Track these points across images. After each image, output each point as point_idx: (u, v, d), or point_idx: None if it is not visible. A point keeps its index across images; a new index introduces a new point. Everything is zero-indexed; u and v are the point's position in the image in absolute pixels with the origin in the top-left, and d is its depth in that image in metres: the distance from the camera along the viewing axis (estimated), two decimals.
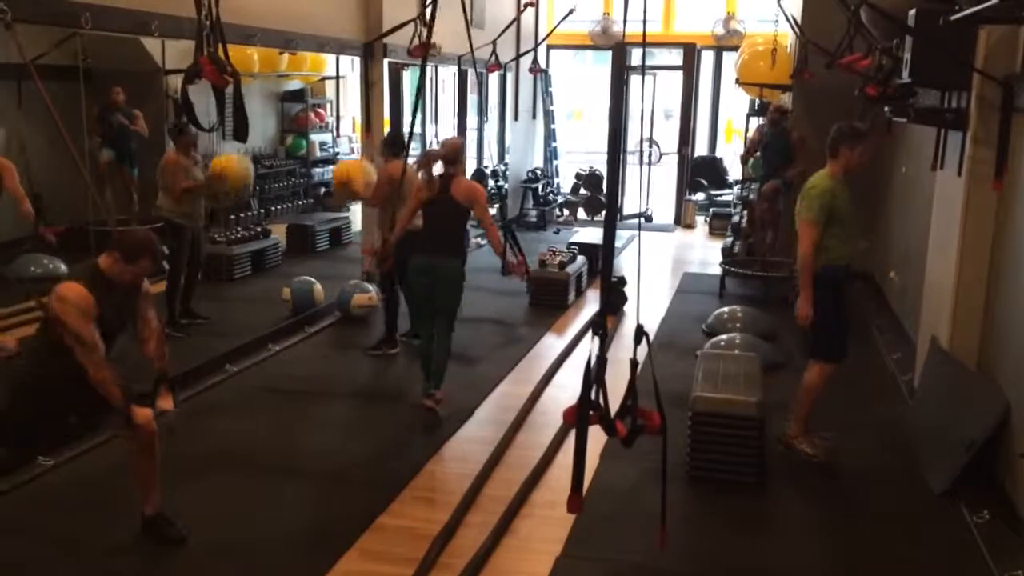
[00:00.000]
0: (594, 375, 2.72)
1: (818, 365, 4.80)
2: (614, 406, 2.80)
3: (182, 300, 6.81)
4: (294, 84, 11.85)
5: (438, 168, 5.51)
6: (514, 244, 8.14)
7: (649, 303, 8.25)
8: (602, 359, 2.72)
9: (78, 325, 3.47)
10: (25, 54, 4.41)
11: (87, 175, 5.23)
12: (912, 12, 4.92)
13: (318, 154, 12.23)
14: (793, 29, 8.85)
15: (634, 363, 2.77)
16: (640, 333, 2.73)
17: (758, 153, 9.54)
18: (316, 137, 12.21)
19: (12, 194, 5.78)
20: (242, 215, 10.03)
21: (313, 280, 7.50)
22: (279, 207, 11.26)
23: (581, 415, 2.66)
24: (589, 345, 2.75)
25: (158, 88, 8.93)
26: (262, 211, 10.72)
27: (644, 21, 2.76)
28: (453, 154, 5.40)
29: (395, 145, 6.47)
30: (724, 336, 6.69)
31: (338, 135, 12.86)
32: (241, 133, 4.07)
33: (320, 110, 12.38)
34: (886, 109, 6.67)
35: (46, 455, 4.49)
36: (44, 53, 6.57)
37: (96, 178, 7.96)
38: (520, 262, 6.09)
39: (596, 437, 2.98)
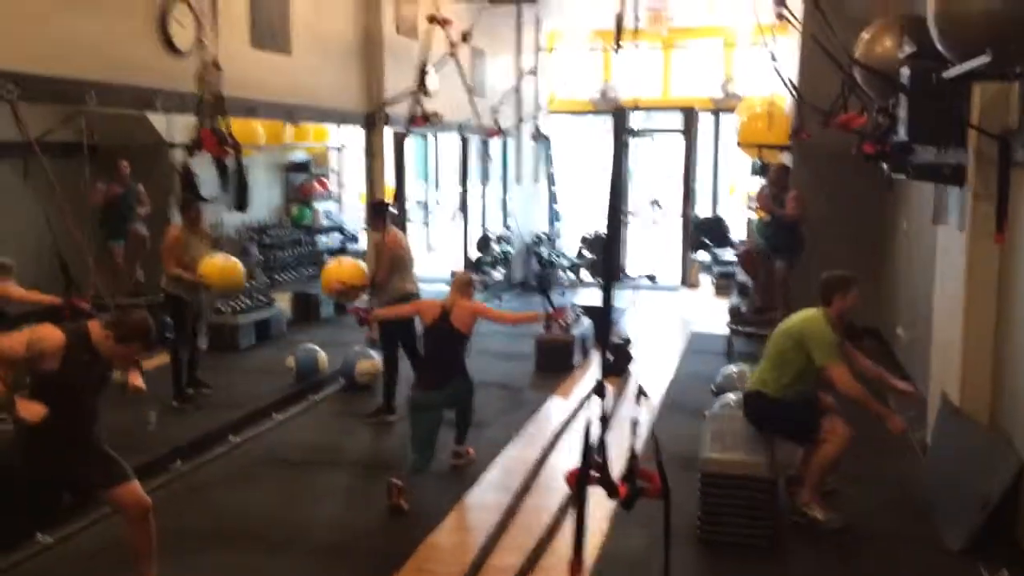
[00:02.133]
0: (595, 438, 2.68)
1: (837, 438, 4.65)
2: (618, 468, 2.74)
3: (188, 369, 6.79)
4: (298, 154, 12.01)
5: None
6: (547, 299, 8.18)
7: (657, 363, 8.19)
8: (603, 420, 2.68)
9: (17, 340, 3.45)
10: (29, 133, 4.49)
11: (88, 250, 5.26)
12: (905, 71, 4.98)
13: (323, 222, 12.34)
14: (789, 91, 8.97)
15: (634, 424, 2.72)
16: (640, 394, 2.70)
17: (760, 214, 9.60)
18: (320, 206, 12.34)
19: (24, 300, 5.87)
20: (247, 285, 10.04)
21: (317, 348, 7.48)
22: (284, 276, 11.31)
23: (581, 478, 2.60)
24: (593, 407, 2.71)
25: (164, 161, 9.05)
26: (267, 280, 10.76)
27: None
28: (458, 284, 5.48)
29: (379, 210, 6.50)
30: (732, 396, 6.60)
31: (342, 204, 12.99)
32: (242, 203, 4.11)
33: (324, 179, 12.52)
34: (884, 166, 6.71)
35: (44, 533, 4.41)
36: (50, 130, 6.70)
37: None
38: (562, 308, 6.12)
39: (607, 500, 2.92)
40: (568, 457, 5.76)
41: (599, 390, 2.67)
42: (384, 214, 6.49)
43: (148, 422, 5.93)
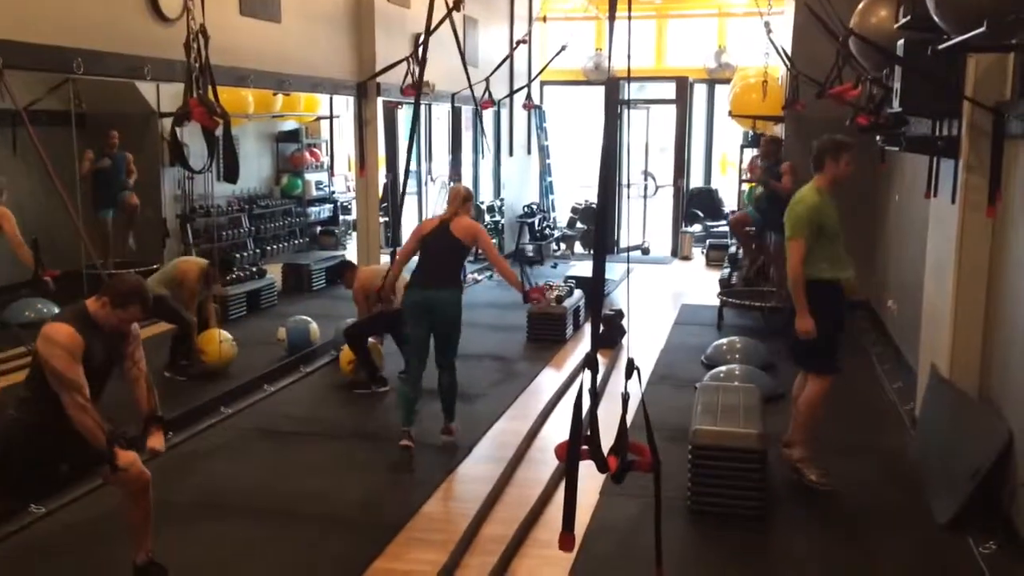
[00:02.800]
0: (586, 410, 2.68)
1: (818, 380, 4.74)
2: (608, 442, 2.75)
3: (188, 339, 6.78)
4: (289, 124, 11.91)
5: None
6: (525, 274, 8.16)
7: (648, 335, 8.21)
8: (594, 393, 2.68)
9: (63, 367, 3.42)
10: (18, 102, 4.43)
11: (78, 220, 5.21)
12: (900, 42, 4.95)
13: (314, 193, 12.26)
14: (784, 61, 8.92)
15: (625, 397, 2.73)
16: (631, 367, 2.70)
17: (752, 184, 9.61)
18: (311, 176, 12.25)
19: (10, 240, 5.78)
20: (237, 256, 10.02)
21: (309, 319, 7.47)
22: (275, 247, 11.27)
23: (571, 451, 2.61)
24: (584, 380, 2.70)
25: (153, 131, 8.96)
26: (257, 251, 10.72)
27: (628, 57, 2.75)
28: (458, 197, 5.45)
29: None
30: (723, 367, 6.65)
31: (333, 174, 12.91)
32: (231, 174, 4.07)
33: (315, 149, 12.43)
34: (879, 139, 6.70)
35: (38, 503, 4.43)
36: (38, 99, 6.62)
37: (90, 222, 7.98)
38: (540, 288, 6.09)
39: (596, 473, 2.93)
40: (560, 429, 5.79)
41: (591, 363, 2.67)
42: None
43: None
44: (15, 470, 3.61)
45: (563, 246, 13.53)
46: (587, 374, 2.68)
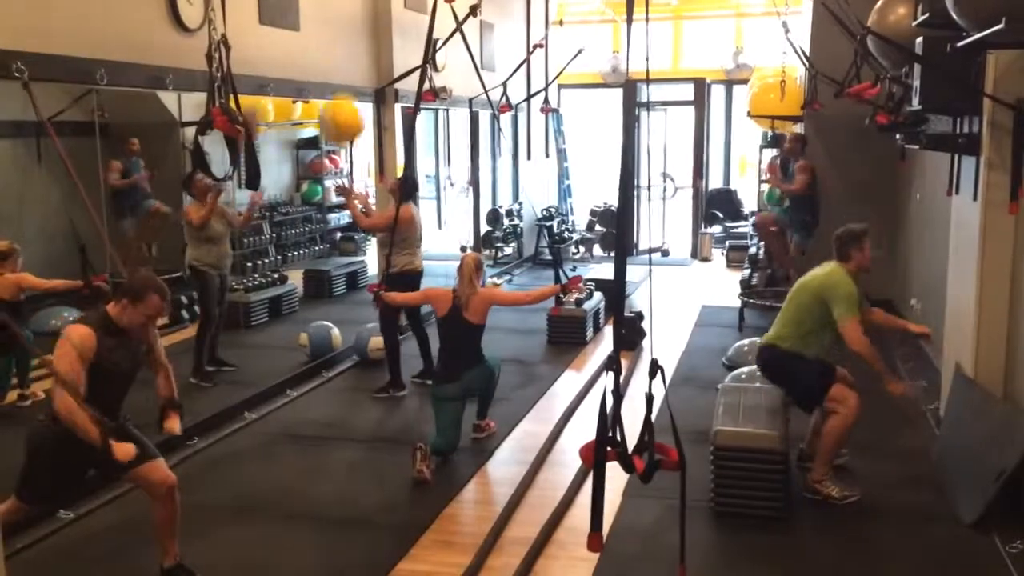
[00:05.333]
0: (610, 411, 2.69)
1: (847, 410, 4.62)
2: (632, 442, 2.76)
3: (209, 348, 6.86)
4: (308, 131, 12.00)
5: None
6: (560, 269, 8.21)
7: (668, 338, 8.20)
8: (617, 395, 2.69)
9: (65, 364, 3.46)
10: (41, 113, 4.49)
11: (103, 229, 5.28)
12: (919, 40, 4.93)
13: (333, 200, 12.34)
14: (802, 61, 8.89)
15: (649, 398, 2.74)
16: (655, 367, 2.71)
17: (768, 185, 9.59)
18: (331, 183, 12.33)
19: (40, 288, 5.88)
20: (259, 262, 10.11)
21: (330, 325, 7.51)
22: (295, 253, 11.35)
23: (598, 453, 2.62)
24: (606, 382, 2.72)
25: (175, 140, 9.07)
26: (279, 257, 10.80)
27: (647, 59, 2.77)
28: (467, 272, 5.34)
29: (408, 190, 6.52)
30: (745, 369, 6.62)
31: (352, 180, 12.98)
32: (253, 181, 4.12)
33: (334, 156, 12.52)
34: (898, 137, 6.66)
35: (66, 509, 4.49)
36: (62, 110, 6.72)
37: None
38: (576, 277, 6.09)
39: (619, 475, 2.94)
40: (582, 432, 5.79)
41: (613, 365, 2.68)
42: (413, 193, 6.55)
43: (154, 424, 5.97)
44: (44, 476, 3.67)
45: (582, 249, 13.53)
46: (609, 375, 2.69)
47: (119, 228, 8.74)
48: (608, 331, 8.66)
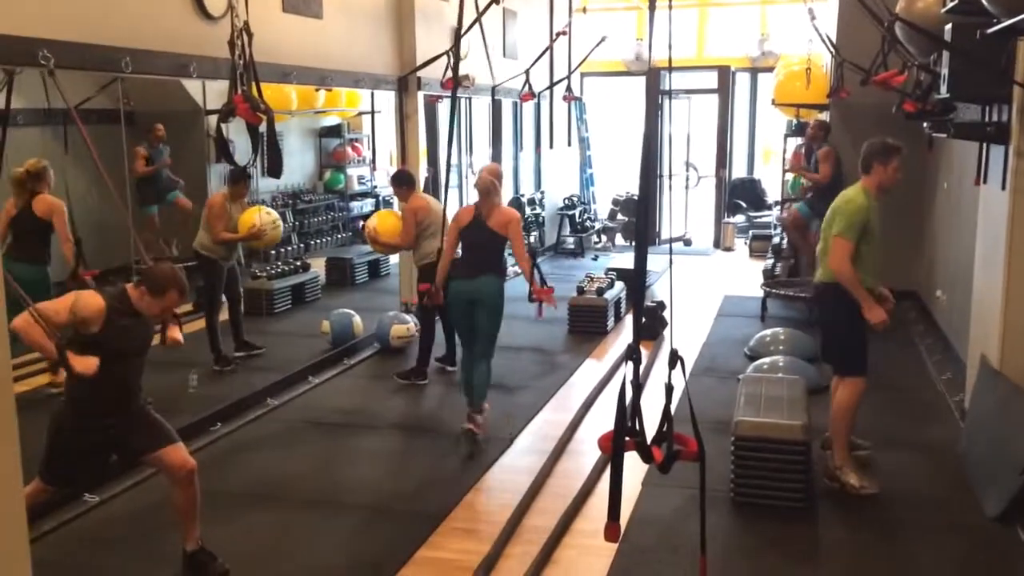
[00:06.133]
0: (629, 401, 2.68)
1: (850, 383, 4.67)
2: (651, 432, 2.75)
3: (235, 336, 6.93)
4: (331, 120, 12.03)
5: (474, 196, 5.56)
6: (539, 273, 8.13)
7: (690, 327, 8.16)
8: (636, 385, 2.68)
9: (53, 302, 3.49)
10: (68, 100, 4.53)
11: (128, 217, 5.33)
12: (948, 27, 4.85)
13: (356, 188, 12.38)
14: (828, 48, 8.79)
15: (669, 388, 2.72)
16: (675, 357, 2.69)
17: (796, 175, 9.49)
18: (354, 171, 12.37)
19: (59, 235, 5.91)
20: (282, 250, 10.17)
21: (352, 312, 7.55)
22: (318, 241, 11.40)
23: (616, 442, 2.61)
24: (626, 371, 2.71)
25: (199, 128, 9.12)
26: (301, 245, 10.85)
27: (669, 47, 2.74)
28: (485, 190, 5.43)
29: (402, 181, 6.54)
30: (767, 359, 6.59)
31: (375, 168, 13.02)
32: (275, 169, 4.13)
33: (357, 144, 12.54)
34: (925, 125, 6.57)
35: (91, 493, 4.55)
36: (88, 98, 6.77)
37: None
38: (548, 289, 6.00)
39: (638, 464, 2.93)
40: (601, 421, 5.79)
41: (634, 354, 2.67)
42: (406, 183, 6.56)
43: (191, 386, 6.07)
44: (68, 460, 3.72)
45: (604, 238, 13.49)
46: (629, 365, 2.68)
47: (143, 215, 8.83)
48: (629, 321, 8.64)
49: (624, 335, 8.13)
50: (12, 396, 2.38)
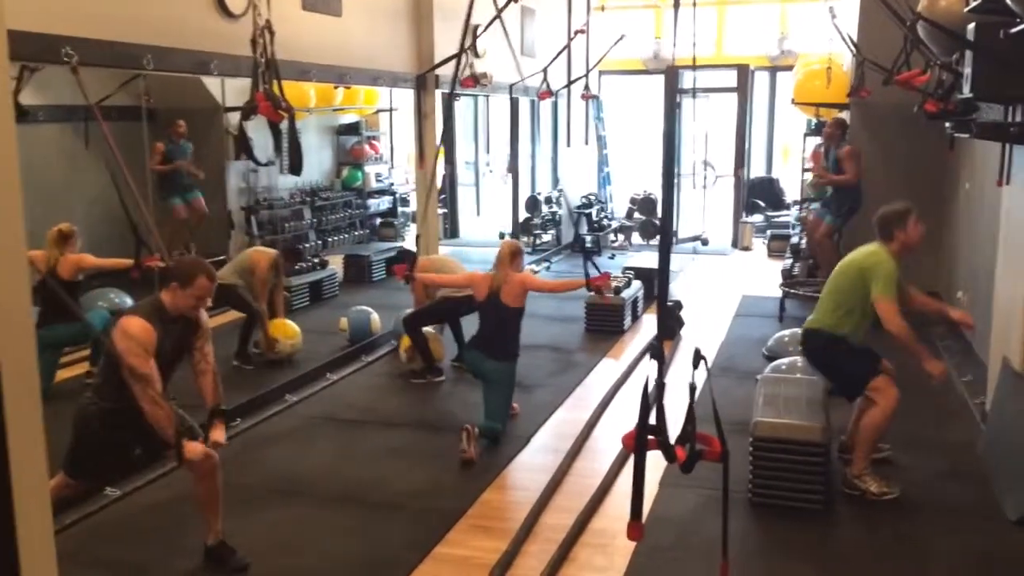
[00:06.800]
0: (652, 400, 2.68)
1: (881, 398, 4.55)
2: (674, 432, 2.75)
3: (241, 342, 6.94)
4: (349, 117, 12.07)
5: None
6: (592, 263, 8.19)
7: (707, 327, 8.14)
8: (660, 383, 2.68)
9: (138, 362, 3.53)
10: (90, 97, 4.57)
11: (148, 214, 5.37)
12: (971, 26, 4.81)
13: (373, 185, 12.42)
14: (849, 47, 8.74)
15: (692, 387, 2.72)
16: (698, 356, 2.68)
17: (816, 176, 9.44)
18: (371, 168, 12.41)
19: (100, 268, 6.02)
20: (300, 247, 10.20)
21: (370, 310, 7.57)
22: (336, 238, 11.45)
23: (639, 440, 2.61)
24: (646, 370, 2.71)
25: (218, 125, 9.17)
26: (319, 242, 10.90)
27: (693, 45, 2.74)
28: (505, 257, 5.43)
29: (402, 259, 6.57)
30: (785, 360, 6.55)
31: (392, 166, 13.06)
32: (295, 166, 4.15)
33: (375, 142, 12.58)
34: (947, 125, 6.53)
35: (113, 486, 4.59)
36: (109, 95, 6.82)
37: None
38: (604, 275, 6.08)
39: (656, 464, 2.93)
40: (619, 420, 5.79)
41: (657, 353, 2.66)
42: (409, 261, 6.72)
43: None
44: (90, 453, 3.76)
45: (621, 237, 13.47)
46: (653, 364, 2.68)
47: (165, 210, 8.88)
48: (647, 320, 8.63)
49: (641, 334, 8.12)
50: (38, 392, 2.41)
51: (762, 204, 13.79)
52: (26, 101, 5.73)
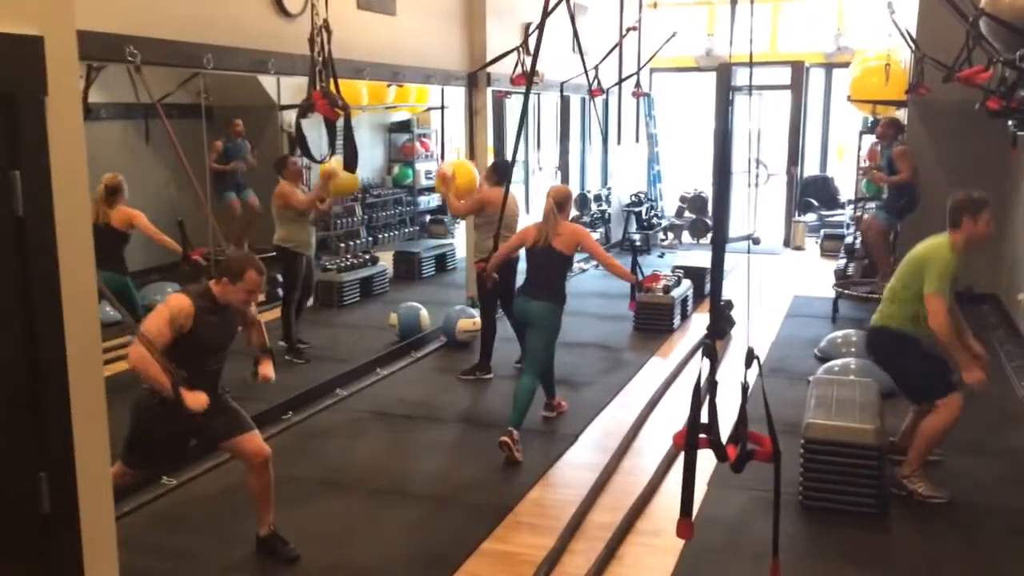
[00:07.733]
0: (704, 398, 2.67)
1: (945, 406, 4.44)
2: (725, 431, 2.73)
3: (285, 329, 7.02)
4: (401, 115, 12.17)
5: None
6: (637, 264, 8.16)
7: (758, 327, 8.04)
8: (713, 381, 2.66)
9: (151, 321, 3.62)
10: (153, 95, 4.68)
11: (207, 207, 5.48)
12: None
13: (424, 183, 12.50)
14: (908, 43, 8.56)
15: (744, 386, 2.70)
16: (751, 356, 2.67)
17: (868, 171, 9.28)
18: (422, 166, 12.49)
19: (149, 235, 6.18)
20: (351, 243, 10.34)
21: (419, 306, 7.64)
22: (386, 235, 11.56)
23: (690, 439, 2.60)
24: (696, 369, 2.70)
25: (273, 122, 9.32)
26: (370, 239, 11.01)
27: (751, 41, 2.72)
28: (551, 210, 5.41)
29: (500, 173, 6.57)
30: (838, 361, 6.45)
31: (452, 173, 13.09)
32: (351, 163, 4.20)
33: (426, 139, 12.66)
34: (1010, 123, 6.37)
35: (169, 476, 4.70)
36: (170, 93, 6.98)
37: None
38: (653, 275, 6.05)
39: (705, 464, 2.92)
40: (668, 419, 5.76)
41: (710, 352, 2.65)
42: (498, 172, 6.64)
43: (248, 380, 6.20)
44: (149, 443, 3.85)
45: (670, 235, 13.37)
46: (705, 363, 2.66)
47: (223, 201, 9.06)
48: (696, 319, 8.56)
49: (690, 334, 8.06)
50: (102, 381, 2.49)
51: (815, 203, 13.58)
52: (90, 99, 5.89)
